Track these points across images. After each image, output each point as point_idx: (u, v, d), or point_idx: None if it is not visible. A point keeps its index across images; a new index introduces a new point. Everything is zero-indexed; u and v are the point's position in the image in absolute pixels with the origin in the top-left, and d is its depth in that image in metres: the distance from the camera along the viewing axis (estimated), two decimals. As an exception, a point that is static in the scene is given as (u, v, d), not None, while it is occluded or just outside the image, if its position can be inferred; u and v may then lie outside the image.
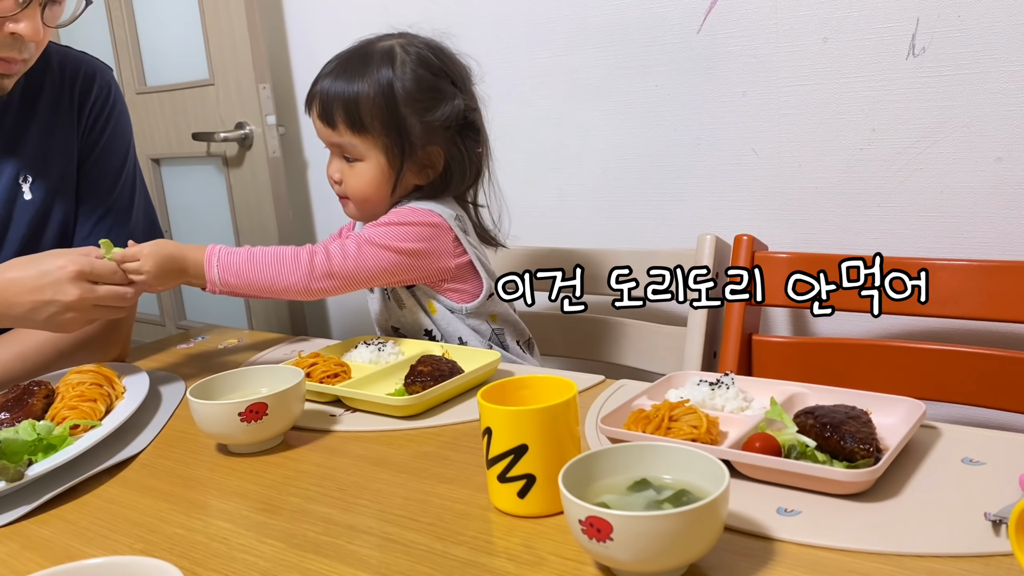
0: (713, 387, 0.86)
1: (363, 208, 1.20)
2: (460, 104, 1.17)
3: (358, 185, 1.17)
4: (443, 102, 1.15)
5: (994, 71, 1.21)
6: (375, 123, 1.13)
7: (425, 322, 1.21)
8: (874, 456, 0.71)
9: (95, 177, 1.27)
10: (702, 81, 1.45)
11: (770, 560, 0.62)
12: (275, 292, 1.10)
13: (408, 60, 1.15)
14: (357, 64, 1.15)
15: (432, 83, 1.15)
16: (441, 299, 1.20)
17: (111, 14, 2.19)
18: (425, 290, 1.20)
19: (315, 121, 1.18)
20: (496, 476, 0.71)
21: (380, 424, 0.96)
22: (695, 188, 1.51)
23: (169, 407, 1.07)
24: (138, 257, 1.05)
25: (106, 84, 1.30)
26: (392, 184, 1.17)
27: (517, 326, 1.27)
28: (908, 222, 1.32)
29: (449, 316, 1.20)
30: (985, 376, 1.15)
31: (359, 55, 1.16)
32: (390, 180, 1.17)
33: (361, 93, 1.13)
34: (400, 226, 1.14)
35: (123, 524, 0.78)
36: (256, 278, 1.09)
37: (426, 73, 1.15)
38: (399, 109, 1.13)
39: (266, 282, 1.09)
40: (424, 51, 1.17)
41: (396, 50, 1.16)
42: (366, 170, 1.16)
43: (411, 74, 1.14)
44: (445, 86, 1.16)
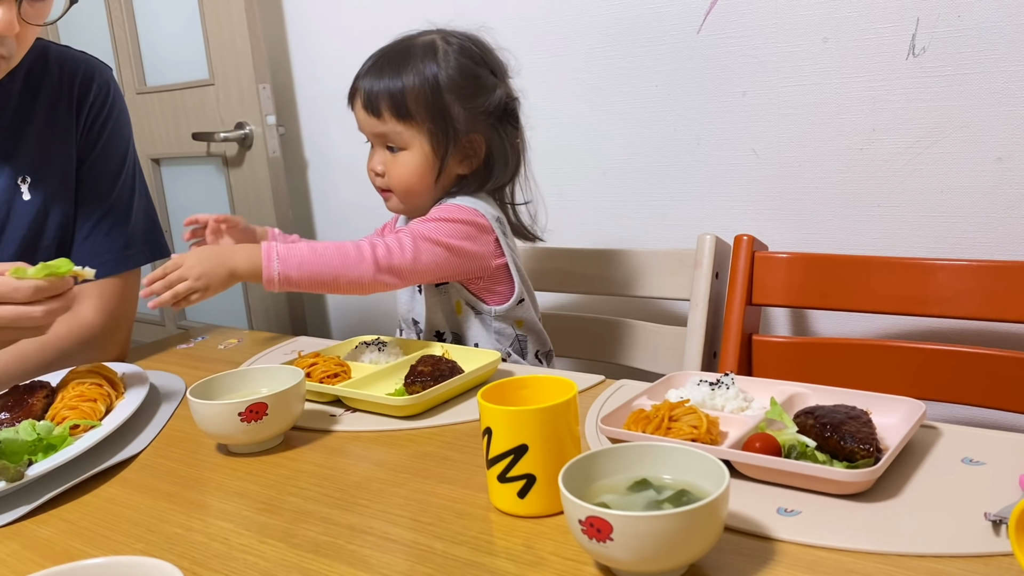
0: (713, 387, 0.86)
1: (407, 200, 1.21)
2: (501, 93, 1.19)
3: (402, 175, 1.18)
4: (485, 90, 1.18)
5: (994, 71, 1.21)
6: (420, 110, 1.14)
7: (439, 322, 1.21)
8: (874, 456, 0.71)
9: (94, 177, 1.27)
10: (702, 81, 1.45)
11: (770, 560, 0.62)
12: (338, 287, 1.08)
13: (450, 51, 1.17)
14: (400, 57, 1.16)
15: (474, 71, 1.17)
16: (472, 299, 1.20)
17: (111, 14, 2.19)
18: (458, 288, 1.20)
19: (358, 113, 1.19)
20: (496, 476, 0.71)
21: (380, 424, 0.96)
22: (695, 188, 1.51)
23: (169, 407, 1.07)
24: (180, 263, 1.05)
25: (105, 83, 1.30)
26: (436, 173, 1.17)
27: (540, 336, 1.28)
28: (908, 222, 1.32)
29: (472, 318, 1.20)
30: (985, 376, 1.15)
31: (400, 49, 1.17)
32: (434, 168, 1.17)
33: (407, 83, 1.14)
34: (449, 223, 1.14)
35: (123, 524, 0.78)
36: (321, 271, 1.07)
37: (468, 62, 1.17)
38: (443, 96, 1.14)
39: (331, 276, 1.07)
40: (465, 42, 1.19)
41: (438, 42, 1.17)
42: (410, 159, 1.17)
43: (454, 63, 1.16)
44: (486, 75, 1.19)
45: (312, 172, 2.12)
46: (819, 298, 1.29)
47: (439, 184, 1.19)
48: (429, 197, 1.20)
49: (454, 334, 1.23)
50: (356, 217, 2.06)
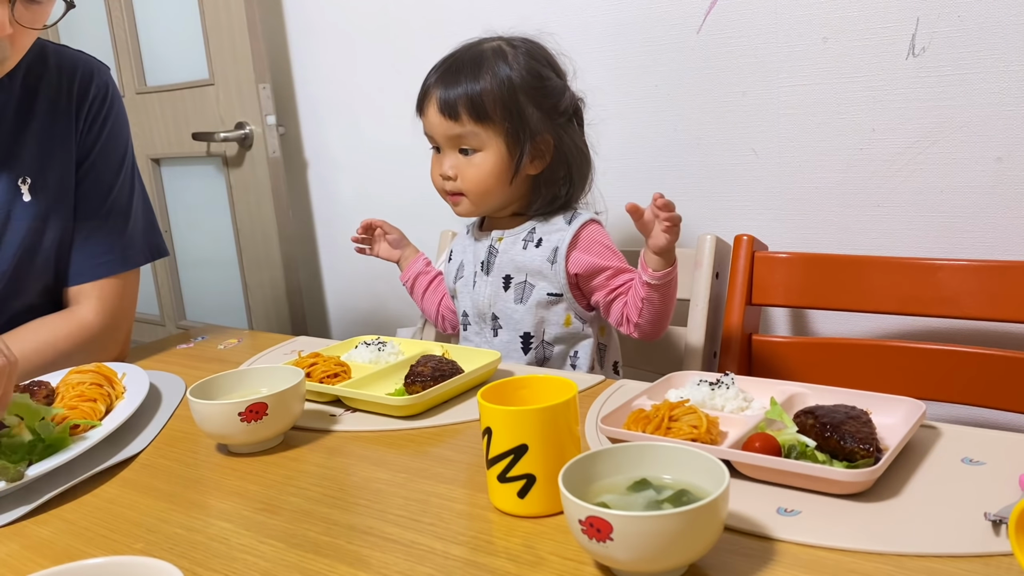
0: (713, 387, 0.86)
1: (481, 202, 1.22)
2: (570, 94, 1.22)
3: (478, 176, 1.19)
4: (555, 91, 1.20)
5: (994, 71, 1.21)
6: (497, 111, 1.16)
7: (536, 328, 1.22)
8: (874, 456, 0.71)
9: (94, 177, 1.27)
10: (702, 81, 1.45)
11: (770, 560, 0.62)
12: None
13: (519, 53, 1.19)
14: (472, 62, 1.18)
15: (542, 73, 1.20)
16: (583, 312, 1.23)
17: (111, 14, 2.19)
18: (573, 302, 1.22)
19: (432, 116, 1.19)
20: (496, 476, 0.71)
21: (380, 424, 0.96)
22: (695, 188, 1.51)
23: (169, 407, 1.07)
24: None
25: (104, 84, 1.29)
26: (512, 174, 1.19)
27: (615, 345, 1.31)
28: (908, 222, 1.32)
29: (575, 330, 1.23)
30: (985, 376, 1.15)
31: (470, 55, 1.19)
32: (510, 169, 1.19)
33: (484, 86, 1.16)
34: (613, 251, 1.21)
35: (123, 524, 0.78)
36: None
37: (536, 64, 1.20)
38: (518, 97, 1.17)
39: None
40: (529, 46, 1.22)
41: (504, 47, 1.20)
42: (486, 160, 1.18)
43: (524, 64, 1.18)
44: (553, 77, 1.21)
45: (312, 172, 2.12)
46: (819, 298, 1.29)
47: (513, 185, 1.21)
48: (503, 197, 1.22)
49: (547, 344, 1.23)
50: (356, 217, 2.06)
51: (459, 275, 1.30)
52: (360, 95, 1.96)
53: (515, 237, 1.24)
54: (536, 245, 1.21)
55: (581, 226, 1.20)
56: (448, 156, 1.21)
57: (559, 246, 1.20)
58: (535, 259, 1.21)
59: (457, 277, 1.30)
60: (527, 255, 1.22)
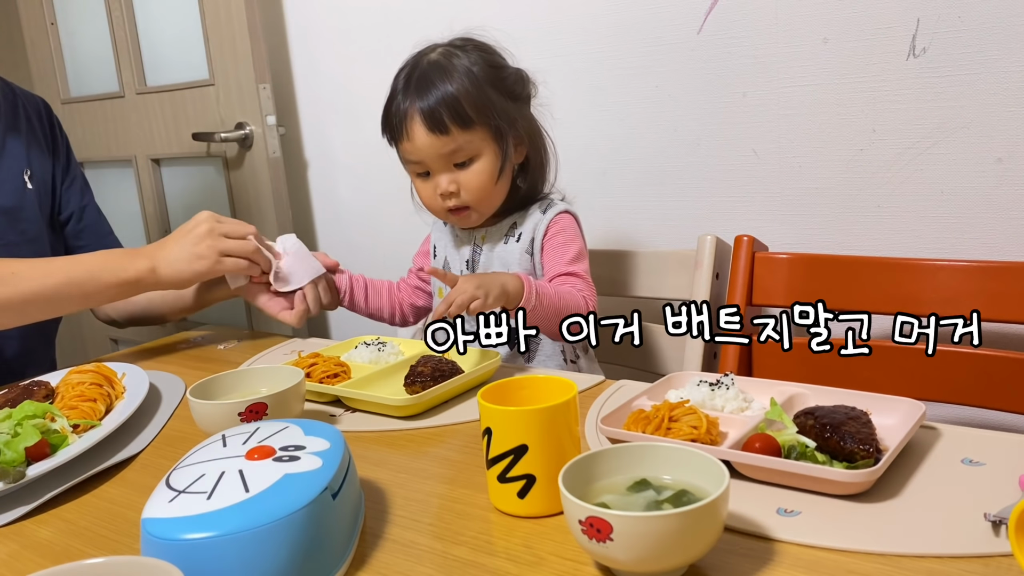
0: (713, 387, 0.86)
1: (486, 209, 1.22)
2: (523, 74, 1.22)
3: (479, 183, 1.18)
4: (512, 76, 1.20)
5: (995, 72, 1.21)
6: (479, 113, 1.15)
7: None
8: (874, 457, 0.71)
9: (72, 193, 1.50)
10: (703, 82, 1.45)
11: (770, 560, 0.62)
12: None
13: (467, 53, 1.18)
14: (431, 73, 1.16)
15: (495, 60, 1.20)
16: None
17: (111, 14, 2.19)
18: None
19: (420, 138, 1.15)
20: (496, 476, 0.71)
21: (380, 424, 0.96)
22: (695, 188, 1.51)
23: (169, 407, 1.07)
24: (460, 287, 1.06)
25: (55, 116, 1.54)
26: (502, 168, 1.19)
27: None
28: (909, 223, 1.32)
29: None
30: (985, 376, 1.15)
31: (425, 66, 1.17)
32: (500, 164, 1.19)
33: (457, 90, 1.14)
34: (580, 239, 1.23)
35: (123, 524, 0.78)
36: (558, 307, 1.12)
37: (488, 55, 1.19)
38: (488, 92, 1.16)
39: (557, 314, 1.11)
40: (470, 42, 1.21)
41: (451, 50, 1.19)
42: (485, 165, 1.18)
43: (479, 59, 1.18)
44: (506, 63, 1.21)
45: (312, 172, 2.12)
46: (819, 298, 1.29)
47: (503, 180, 1.21)
48: (502, 194, 1.22)
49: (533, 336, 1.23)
50: (356, 217, 2.06)
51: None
52: (360, 95, 1.96)
53: (497, 233, 1.25)
54: (516, 240, 1.23)
55: (554, 217, 1.22)
56: (442, 175, 1.18)
57: (535, 236, 1.22)
58: (515, 252, 1.22)
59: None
60: (508, 249, 1.23)
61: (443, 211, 1.21)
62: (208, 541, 0.58)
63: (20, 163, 1.39)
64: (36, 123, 1.46)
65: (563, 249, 1.21)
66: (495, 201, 1.22)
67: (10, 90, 1.44)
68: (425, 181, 1.20)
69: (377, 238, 2.03)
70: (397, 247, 1.91)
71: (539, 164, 1.25)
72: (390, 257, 1.97)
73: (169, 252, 1.20)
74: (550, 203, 1.25)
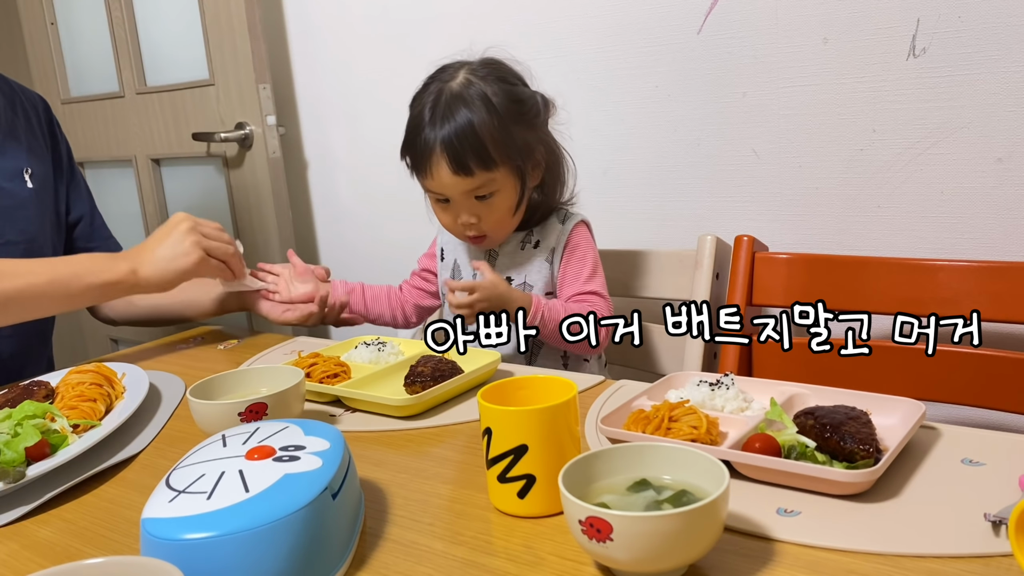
0: (713, 387, 0.86)
1: (502, 234, 1.24)
2: (541, 100, 1.22)
3: (498, 216, 1.20)
4: (531, 105, 1.20)
5: (995, 72, 1.21)
6: (499, 151, 1.15)
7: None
8: (874, 457, 0.71)
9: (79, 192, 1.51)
10: (703, 82, 1.45)
11: (770, 560, 0.62)
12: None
13: (487, 82, 1.16)
14: (453, 105, 1.15)
15: (515, 92, 1.19)
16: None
17: (111, 14, 2.19)
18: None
19: (443, 176, 1.15)
20: (496, 476, 0.71)
21: (380, 424, 0.96)
22: (695, 188, 1.51)
23: (169, 407, 1.07)
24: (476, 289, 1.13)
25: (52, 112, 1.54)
26: (520, 198, 1.20)
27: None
28: (909, 223, 1.32)
29: None
30: (985, 376, 1.15)
31: (448, 98, 1.16)
32: (520, 195, 1.20)
33: (478, 126, 1.13)
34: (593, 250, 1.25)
35: (123, 524, 0.78)
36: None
37: (508, 86, 1.18)
38: (509, 129, 1.16)
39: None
40: (491, 67, 1.19)
41: (472, 78, 1.17)
42: (504, 200, 1.19)
43: (500, 91, 1.16)
44: (525, 90, 1.21)
45: (312, 172, 2.12)
46: (819, 298, 1.29)
47: (521, 205, 1.22)
48: (518, 221, 1.24)
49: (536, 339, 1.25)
50: (356, 217, 2.06)
51: (455, 277, 1.30)
52: (360, 95, 1.96)
53: (513, 241, 1.27)
54: (534, 246, 1.25)
55: (573, 228, 1.24)
56: (463, 206, 1.18)
57: (556, 246, 1.23)
58: (533, 259, 1.24)
59: (453, 278, 1.30)
60: (526, 255, 1.24)
61: (461, 236, 1.24)
62: (208, 541, 0.58)
63: (20, 162, 1.39)
64: (35, 121, 1.46)
65: (579, 266, 1.23)
66: (511, 227, 1.24)
67: (8, 87, 1.44)
68: (445, 208, 1.21)
69: (377, 238, 2.03)
70: (397, 247, 1.91)
71: (555, 181, 1.26)
72: (390, 257, 1.97)
73: (151, 253, 1.22)
74: (567, 213, 1.26)
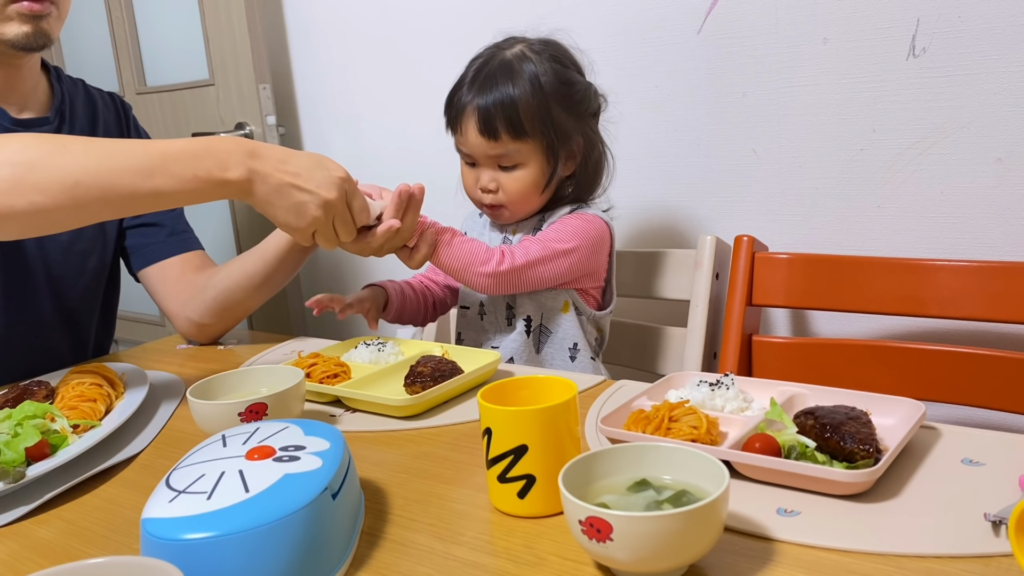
0: (713, 387, 0.86)
1: (521, 211, 1.24)
2: (593, 91, 1.22)
3: (519, 189, 1.20)
4: (581, 93, 1.20)
5: (995, 72, 1.21)
6: (535, 125, 1.16)
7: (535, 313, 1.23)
8: (874, 457, 0.71)
9: None
10: (702, 82, 1.45)
11: (770, 560, 0.62)
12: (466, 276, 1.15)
13: (543, 59, 1.18)
14: (503, 76, 1.16)
15: (567, 75, 1.19)
16: (580, 301, 1.24)
17: (111, 14, 2.19)
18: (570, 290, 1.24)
19: (472, 137, 1.18)
20: (496, 476, 0.71)
21: (380, 424, 0.96)
22: (695, 188, 1.51)
23: (169, 407, 1.07)
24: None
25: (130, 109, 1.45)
26: (548, 180, 1.20)
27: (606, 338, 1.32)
28: (908, 223, 1.32)
29: (572, 317, 1.24)
30: (985, 376, 1.15)
31: (497, 67, 1.17)
32: (547, 177, 1.20)
33: (517, 97, 1.14)
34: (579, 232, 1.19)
35: (123, 524, 0.78)
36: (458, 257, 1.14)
37: (562, 68, 1.19)
38: (551, 107, 1.16)
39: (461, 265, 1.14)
40: (551, 48, 1.21)
41: (527, 52, 1.18)
42: (527, 174, 1.19)
43: (550, 70, 1.17)
44: (576, 77, 1.21)
45: (312, 172, 2.12)
46: (819, 299, 1.29)
47: (548, 189, 1.22)
48: (541, 203, 1.24)
49: (545, 327, 1.25)
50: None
51: None
52: (360, 95, 1.96)
53: (527, 227, 1.26)
54: None
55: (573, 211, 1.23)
56: (486, 170, 1.20)
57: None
58: None
59: None
60: None
61: (479, 203, 1.25)
62: (208, 541, 0.58)
63: None
64: (115, 131, 1.39)
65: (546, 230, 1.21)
66: (531, 207, 1.23)
67: (90, 101, 1.38)
68: (471, 170, 1.23)
69: (377, 238, 2.03)
70: (397, 247, 1.90)
71: (589, 177, 1.25)
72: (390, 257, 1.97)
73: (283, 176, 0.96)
74: (581, 206, 1.25)
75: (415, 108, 1.85)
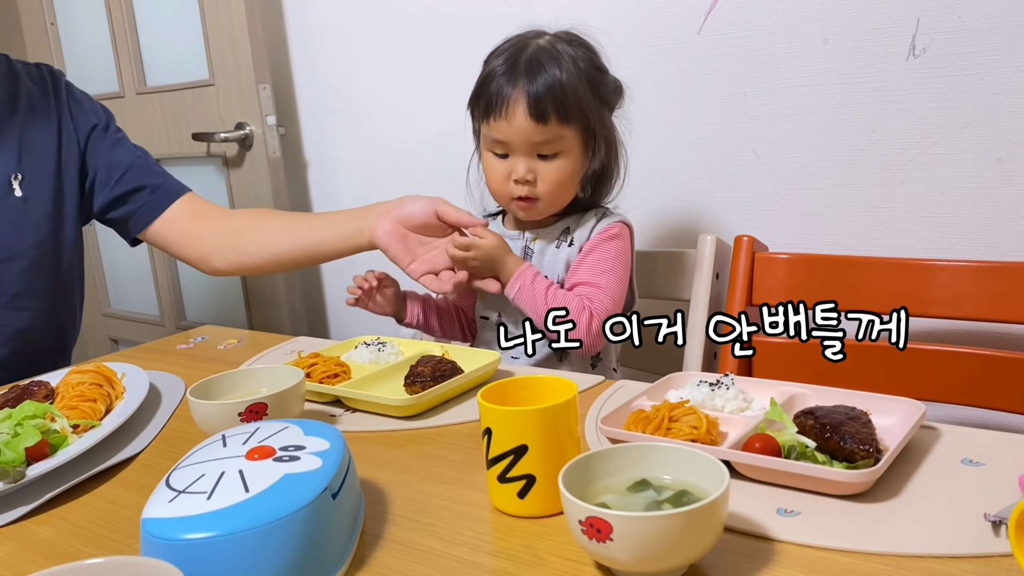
0: (713, 388, 0.86)
1: (555, 206, 1.21)
2: (617, 83, 1.20)
3: (557, 178, 1.16)
4: (610, 83, 1.19)
5: (995, 72, 1.21)
6: (578, 110, 1.14)
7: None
8: (874, 457, 0.71)
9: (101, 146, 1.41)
10: (702, 82, 1.45)
11: (770, 560, 0.62)
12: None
13: (574, 47, 1.16)
14: (543, 57, 1.14)
15: (599, 64, 1.19)
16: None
17: (111, 14, 2.19)
18: None
19: (520, 121, 1.13)
20: (496, 476, 0.71)
21: (380, 424, 0.96)
22: (695, 189, 1.51)
23: (169, 407, 1.07)
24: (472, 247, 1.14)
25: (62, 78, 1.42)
26: (583, 174, 1.19)
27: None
28: (908, 223, 1.32)
29: None
30: (985, 376, 1.15)
31: (534, 51, 1.15)
32: (583, 170, 1.19)
33: (566, 81, 1.13)
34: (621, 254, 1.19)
35: (123, 524, 0.78)
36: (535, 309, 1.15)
37: (589, 54, 1.18)
38: (586, 94, 1.15)
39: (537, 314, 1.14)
40: (572, 37, 1.19)
41: (558, 39, 1.17)
42: (566, 164, 1.16)
43: (585, 56, 1.16)
44: (603, 65, 1.20)
45: (312, 172, 2.12)
46: (819, 299, 1.28)
47: (578, 184, 1.20)
48: (569, 199, 1.21)
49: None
50: (356, 217, 2.06)
51: None
52: (360, 95, 1.96)
53: (550, 235, 1.24)
54: (569, 244, 1.22)
55: (608, 224, 1.20)
56: (522, 160, 1.16)
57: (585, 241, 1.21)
58: (563, 257, 1.22)
59: None
60: (560, 254, 1.22)
61: (508, 197, 1.19)
62: (208, 541, 0.58)
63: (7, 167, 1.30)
64: (40, 104, 1.35)
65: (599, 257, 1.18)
66: (564, 200, 1.21)
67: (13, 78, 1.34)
68: (501, 161, 1.18)
69: (377, 238, 2.03)
70: (397, 247, 1.90)
71: (608, 175, 1.23)
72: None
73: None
74: (605, 212, 1.23)
75: (415, 108, 1.86)
